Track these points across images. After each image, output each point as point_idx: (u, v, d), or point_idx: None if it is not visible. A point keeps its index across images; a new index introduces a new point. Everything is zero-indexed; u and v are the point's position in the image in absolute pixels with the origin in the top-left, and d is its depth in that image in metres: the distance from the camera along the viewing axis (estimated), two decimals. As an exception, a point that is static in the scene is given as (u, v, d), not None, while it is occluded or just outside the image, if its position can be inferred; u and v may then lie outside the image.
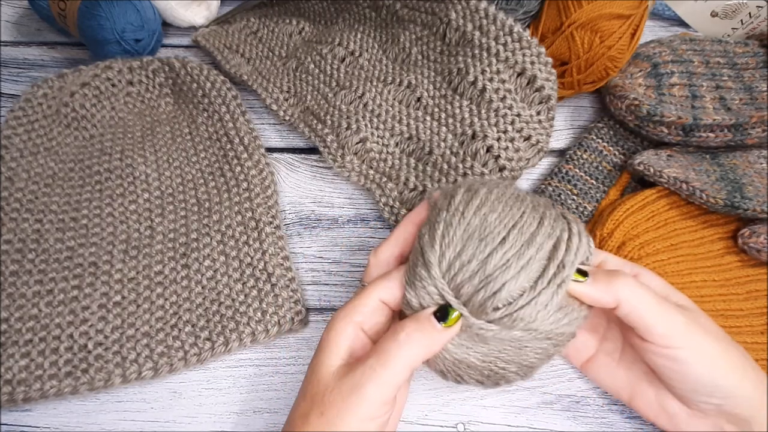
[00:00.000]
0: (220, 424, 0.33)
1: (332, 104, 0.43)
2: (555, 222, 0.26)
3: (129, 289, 0.36)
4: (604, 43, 0.39)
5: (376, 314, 0.26)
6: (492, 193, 0.26)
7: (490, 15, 0.39)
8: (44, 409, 0.33)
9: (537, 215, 0.26)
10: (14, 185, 0.40)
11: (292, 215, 0.41)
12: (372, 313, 0.26)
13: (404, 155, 0.41)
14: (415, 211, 0.29)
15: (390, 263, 0.29)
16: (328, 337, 0.26)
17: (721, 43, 0.44)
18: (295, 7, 0.53)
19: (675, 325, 0.25)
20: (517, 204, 0.26)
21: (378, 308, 0.26)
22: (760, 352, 0.32)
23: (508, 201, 0.26)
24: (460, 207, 0.26)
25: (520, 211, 0.25)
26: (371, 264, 0.29)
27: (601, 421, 0.33)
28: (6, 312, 0.34)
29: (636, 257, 0.35)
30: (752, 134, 0.37)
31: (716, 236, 0.37)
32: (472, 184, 0.27)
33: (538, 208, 0.26)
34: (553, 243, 0.25)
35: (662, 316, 0.25)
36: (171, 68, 0.46)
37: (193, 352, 0.33)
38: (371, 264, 0.29)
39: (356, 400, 0.23)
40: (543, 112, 0.39)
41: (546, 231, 0.25)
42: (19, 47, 0.52)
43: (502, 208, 0.25)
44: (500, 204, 0.26)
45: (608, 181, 0.40)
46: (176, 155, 0.43)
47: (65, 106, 0.43)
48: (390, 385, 0.24)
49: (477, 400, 0.33)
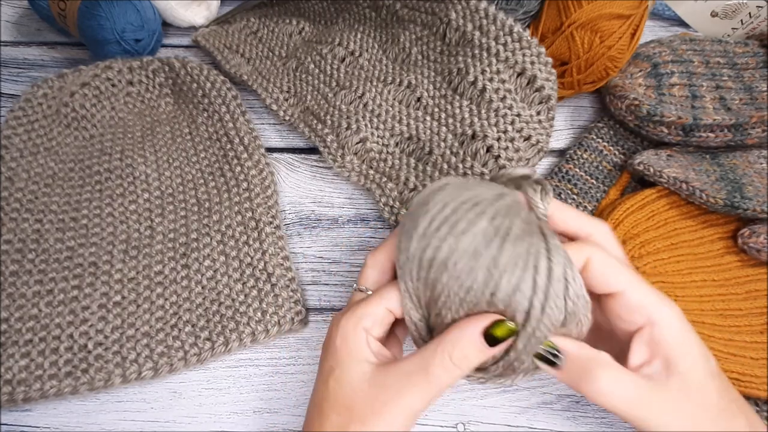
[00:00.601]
0: (220, 424, 0.33)
1: (332, 104, 0.43)
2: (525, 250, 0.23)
3: (129, 289, 0.36)
4: (604, 43, 0.39)
5: (385, 322, 0.26)
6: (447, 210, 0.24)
7: (490, 15, 0.39)
8: (44, 409, 0.33)
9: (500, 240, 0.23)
10: (14, 185, 0.40)
11: (292, 215, 0.41)
12: (381, 321, 0.26)
13: (404, 155, 0.41)
14: None
15: (386, 267, 0.28)
16: (347, 346, 0.25)
17: (721, 43, 0.44)
18: (295, 7, 0.53)
19: (664, 422, 0.24)
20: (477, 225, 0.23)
21: (386, 317, 0.26)
22: (760, 351, 0.32)
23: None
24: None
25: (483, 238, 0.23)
26: (368, 265, 0.29)
27: (601, 421, 0.33)
28: (6, 312, 0.34)
29: (636, 256, 0.35)
30: (752, 134, 0.37)
31: (716, 236, 0.37)
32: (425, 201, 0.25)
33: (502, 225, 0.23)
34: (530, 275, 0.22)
35: (646, 414, 0.24)
36: (171, 68, 0.46)
37: (193, 352, 0.33)
38: (368, 265, 0.29)
39: (400, 412, 0.24)
40: (543, 112, 0.39)
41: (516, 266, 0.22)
42: (19, 47, 0.52)
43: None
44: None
45: (608, 181, 0.40)
46: (176, 155, 0.43)
47: (65, 106, 0.43)
48: (434, 400, 0.24)
49: (477, 400, 0.33)
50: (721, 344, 0.32)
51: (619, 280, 0.25)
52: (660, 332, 0.24)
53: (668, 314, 0.25)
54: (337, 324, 0.26)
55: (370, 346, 0.26)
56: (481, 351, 0.23)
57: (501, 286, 0.22)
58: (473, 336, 0.23)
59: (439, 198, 0.25)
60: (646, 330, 0.25)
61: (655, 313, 0.24)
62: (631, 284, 0.25)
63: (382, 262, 0.28)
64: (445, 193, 0.25)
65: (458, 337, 0.24)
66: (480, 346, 0.23)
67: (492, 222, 0.23)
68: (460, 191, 0.25)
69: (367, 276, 0.29)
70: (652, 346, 0.25)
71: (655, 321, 0.24)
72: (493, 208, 0.24)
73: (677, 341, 0.24)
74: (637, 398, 0.23)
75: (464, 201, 0.24)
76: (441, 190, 0.25)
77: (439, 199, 0.25)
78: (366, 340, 0.26)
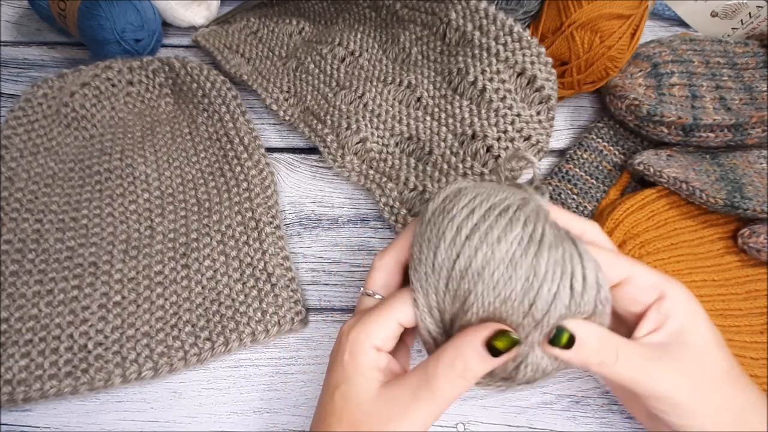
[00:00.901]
0: (220, 424, 0.33)
1: (332, 104, 0.43)
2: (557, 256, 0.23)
3: (129, 289, 0.36)
4: (604, 43, 0.39)
5: (395, 336, 0.26)
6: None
7: (490, 15, 0.39)
8: (44, 409, 0.33)
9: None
10: (14, 185, 0.40)
11: (292, 215, 0.41)
12: (390, 338, 0.26)
13: (404, 155, 0.41)
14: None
15: (394, 270, 0.28)
16: (355, 363, 0.25)
17: (721, 43, 0.44)
18: (295, 7, 0.53)
19: (672, 385, 0.24)
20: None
21: (395, 331, 0.26)
22: (760, 351, 0.32)
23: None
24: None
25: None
26: (375, 268, 0.28)
27: (601, 421, 0.33)
28: (6, 312, 0.34)
29: (636, 256, 0.35)
30: (752, 134, 0.37)
31: (716, 236, 0.37)
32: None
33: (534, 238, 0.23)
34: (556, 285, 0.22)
35: (655, 380, 0.24)
36: (171, 68, 0.46)
37: (193, 352, 0.33)
38: (375, 268, 0.28)
39: (403, 422, 0.23)
40: (543, 112, 0.39)
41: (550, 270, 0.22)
42: (19, 47, 0.52)
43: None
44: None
45: (608, 181, 0.40)
46: (176, 155, 0.43)
47: (65, 106, 0.43)
48: (442, 409, 0.24)
49: (477, 400, 0.33)
50: (721, 344, 0.32)
51: (627, 268, 0.26)
52: (669, 304, 0.25)
53: (677, 288, 0.26)
54: (347, 337, 0.26)
55: (378, 364, 0.25)
56: (485, 362, 0.23)
57: (541, 294, 0.22)
58: (475, 346, 0.23)
59: (463, 204, 0.24)
60: (656, 304, 0.25)
61: (666, 288, 0.25)
62: (637, 268, 0.26)
63: (390, 264, 0.28)
64: (467, 199, 0.24)
65: (461, 349, 0.23)
66: (483, 357, 0.23)
67: (525, 228, 0.23)
68: (482, 196, 0.24)
69: (375, 279, 0.28)
70: (660, 319, 0.25)
71: (666, 294, 0.25)
72: (522, 214, 0.23)
73: (686, 312, 0.25)
74: (642, 364, 0.24)
75: (492, 207, 0.23)
76: (462, 196, 0.24)
77: (463, 205, 0.24)
78: (375, 359, 0.25)
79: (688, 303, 0.25)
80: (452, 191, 0.25)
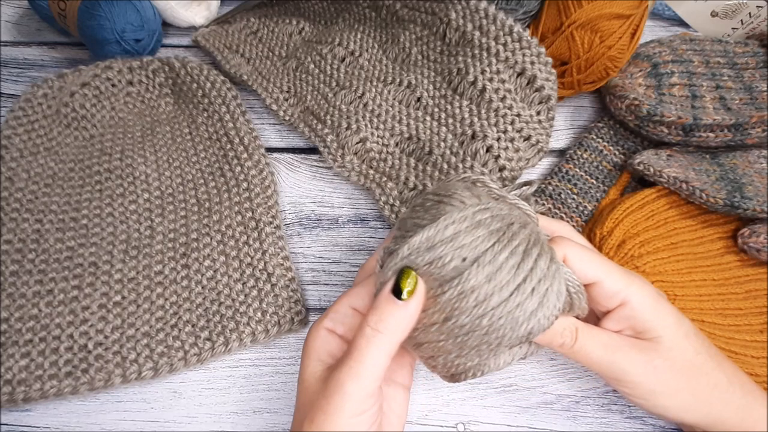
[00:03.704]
0: (220, 424, 0.33)
1: (332, 104, 0.43)
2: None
3: (129, 289, 0.36)
4: (604, 43, 0.39)
5: (347, 320, 0.27)
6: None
7: (490, 15, 0.39)
8: (44, 409, 0.33)
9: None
10: (14, 185, 0.40)
11: (292, 215, 0.41)
12: (343, 319, 0.27)
13: (404, 155, 0.41)
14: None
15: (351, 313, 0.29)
16: (306, 346, 0.27)
17: (721, 43, 0.44)
18: (295, 7, 0.53)
19: (631, 366, 0.27)
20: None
21: (349, 314, 0.27)
22: (760, 350, 0.32)
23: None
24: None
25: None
26: (363, 269, 0.30)
27: (601, 421, 0.33)
28: (6, 312, 0.34)
29: (636, 255, 0.35)
30: (752, 134, 0.37)
31: (716, 235, 0.37)
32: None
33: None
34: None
35: (613, 360, 0.27)
36: (171, 68, 0.46)
37: (193, 352, 0.33)
38: (363, 269, 0.30)
39: (339, 398, 0.23)
40: (543, 112, 0.39)
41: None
42: (19, 47, 0.52)
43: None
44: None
45: (608, 181, 0.40)
46: (176, 155, 0.43)
47: (65, 106, 0.43)
48: (368, 377, 0.24)
49: (477, 400, 0.33)
50: (721, 342, 0.32)
51: (596, 272, 0.27)
52: (632, 309, 0.27)
53: (637, 292, 0.27)
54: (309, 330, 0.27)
55: (327, 347, 0.26)
56: (394, 306, 0.23)
57: (536, 326, 0.23)
58: (384, 294, 0.24)
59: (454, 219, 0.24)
60: (618, 309, 0.27)
61: (627, 295, 0.27)
62: (606, 273, 0.27)
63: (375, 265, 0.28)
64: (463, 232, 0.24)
65: (374, 305, 0.24)
66: (390, 301, 0.23)
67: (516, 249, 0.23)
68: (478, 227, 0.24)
69: (357, 279, 0.30)
70: (623, 322, 0.27)
71: (627, 301, 0.27)
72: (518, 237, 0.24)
73: (648, 313, 0.27)
74: (602, 346, 0.26)
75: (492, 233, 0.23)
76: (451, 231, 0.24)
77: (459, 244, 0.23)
78: (323, 341, 0.26)
79: (651, 304, 0.27)
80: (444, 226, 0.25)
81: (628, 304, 0.27)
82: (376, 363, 0.24)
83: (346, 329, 0.27)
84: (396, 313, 0.23)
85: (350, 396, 0.23)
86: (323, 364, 0.26)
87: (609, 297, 0.27)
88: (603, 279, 0.27)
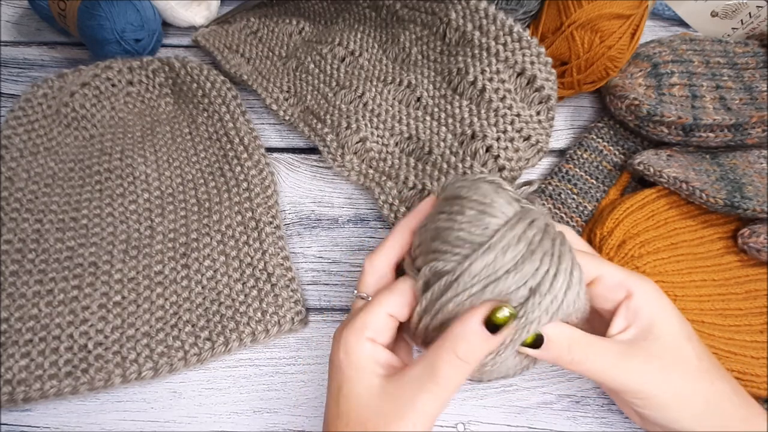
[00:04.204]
0: (220, 424, 0.33)
1: (332, 104, 0.43)
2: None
3: (129, 289, 0.36)
4: (604, 43, 0.39)
5: (387, 329, 0.26)
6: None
7: (490, 15, 0.39)
8: (44, 409, 0.33)
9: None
10: (14, 185, 0.40)
11: (292, 215, 0.41)
12: (383, 329, 0.26)
13: (404, 155, 0.41)
14: (411, 216, 0.28)
15: (385, 271, 0.28)
16: (349, 358, 0.25)
17: (721, 43, 0.44)
18: (295, 7, 0.53)
19: (643, 380, 0.25)
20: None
21: (389, 324, 0.26)
22: (760, 351, 0.32)
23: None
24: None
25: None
26: (366, 271, 0.28)
27: (601, 421, 0.33)
28: (6, 312, 0.34)
29: (636, 255, 0.35)
30: (752, 134, 0.37)
31: (716, 236, 0.37)
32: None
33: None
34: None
35: (626, 375, 0.25)
36: (171, 68, 0.46)
37: (193, 352, 0.33)
38: (366, 271, 0.28)
39: (421, 421, 0.23)
40: (543, 112, 0.39)
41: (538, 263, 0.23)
42: (19, 47, 0.52)
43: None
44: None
45: (608, 181, 0.40)
46: (176, 155, 0.43)
47: (65, 106, 0.43)
48: (448, 401, 0.24)
49: (477, 400, 0.33)
50: (721, 343, 0.32)
51: (597, 267, 0.27)
52: (637, 301, 0.26)
53: (645, 284, 0.27)
54: (339, 338, 0.26)
55: (375, 358, 0.25)
56: (485, 340, 0.23)
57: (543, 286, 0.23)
58: (475, 326, 0.23)
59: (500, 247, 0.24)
60: (625, 302, 0.26)
61: (632, 286, 0.26)
62: (606, 267, 0.27)
63: (381, 265, 0.28)
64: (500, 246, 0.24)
65: (461, 331, 0.23)
66: (483, 335, 0.23)
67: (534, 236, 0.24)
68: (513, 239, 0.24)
69: (366, 282, 0.28)
70: (630, 316, 0.26)
71: (633, 292, 0.26)
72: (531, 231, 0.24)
73: (653, 308, 0.26)
74: (612, 360, 0.25)
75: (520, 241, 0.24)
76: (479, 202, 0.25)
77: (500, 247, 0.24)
78: (371, 352, 0.25)
79: (656, 299, 0.27)
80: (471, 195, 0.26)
81: (634, 295, 0.26)
82: (456, 388, 0.24)
83: (386, 338, 0.26)
84: (486, 346, 0.23)
85: (431, 417, 0.24)
86: (379, 376, 0.24)
87: (613, 289, 0.26)
88: (603, 273, 0.27)
